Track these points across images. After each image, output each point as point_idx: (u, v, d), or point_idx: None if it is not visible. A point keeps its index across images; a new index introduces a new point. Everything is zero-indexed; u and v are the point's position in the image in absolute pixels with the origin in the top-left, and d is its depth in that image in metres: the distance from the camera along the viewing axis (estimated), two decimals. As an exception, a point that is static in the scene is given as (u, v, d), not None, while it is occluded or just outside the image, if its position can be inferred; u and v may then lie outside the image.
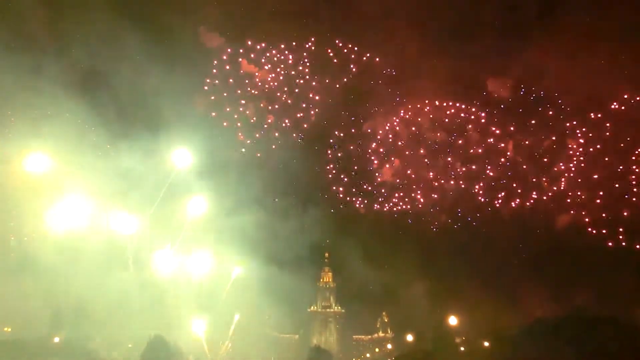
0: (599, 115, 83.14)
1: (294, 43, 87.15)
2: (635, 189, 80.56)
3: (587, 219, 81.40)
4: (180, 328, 64.25)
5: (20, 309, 59.34)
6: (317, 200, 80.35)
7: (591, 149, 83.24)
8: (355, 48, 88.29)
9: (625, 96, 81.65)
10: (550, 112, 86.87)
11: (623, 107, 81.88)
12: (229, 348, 69.27)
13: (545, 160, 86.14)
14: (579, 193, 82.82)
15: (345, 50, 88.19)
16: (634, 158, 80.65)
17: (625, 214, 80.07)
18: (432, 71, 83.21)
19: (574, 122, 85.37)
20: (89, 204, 58.83)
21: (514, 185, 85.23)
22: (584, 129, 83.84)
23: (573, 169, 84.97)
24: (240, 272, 74.05)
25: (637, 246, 78.22)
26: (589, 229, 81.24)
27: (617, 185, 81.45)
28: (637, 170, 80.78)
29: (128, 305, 61.94)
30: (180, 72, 75.67)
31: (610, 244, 79.66)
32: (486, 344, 73.43)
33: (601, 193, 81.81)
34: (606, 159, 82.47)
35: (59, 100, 62.70)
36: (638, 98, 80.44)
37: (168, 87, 72.51)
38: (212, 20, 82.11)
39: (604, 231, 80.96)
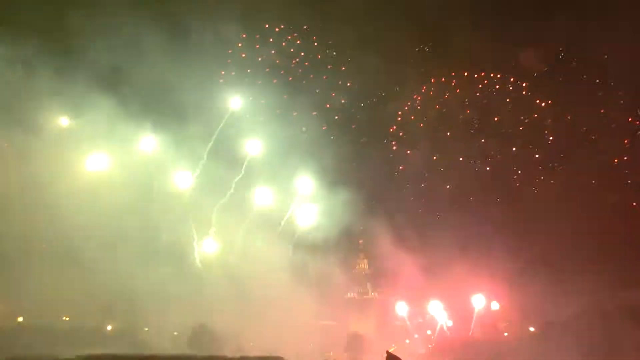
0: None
1: (305, 26, 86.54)
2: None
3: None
4: (223, 314, 70.17)
5: (76, 300, 66.96)
6: (347, 187, 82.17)
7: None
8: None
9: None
10: (597, 80, 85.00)
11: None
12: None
13: (593, 137, 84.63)
14: (626, 171, 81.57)
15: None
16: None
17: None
18: (464, 42, 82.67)
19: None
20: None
21: (557, 165, 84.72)
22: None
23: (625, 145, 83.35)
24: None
25: None
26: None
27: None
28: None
29: (173, 294, 68.54)
30: (189, 66, 76.25)
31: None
32: (532, 329, 75.17)
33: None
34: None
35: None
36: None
37: (178, 85, 74.08)
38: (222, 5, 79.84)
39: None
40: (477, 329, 76.85)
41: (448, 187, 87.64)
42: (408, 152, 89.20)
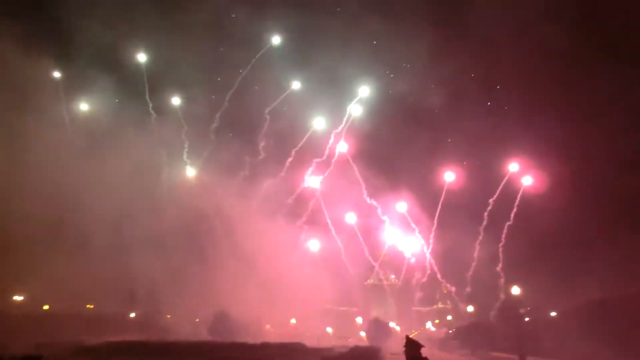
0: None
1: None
2: None
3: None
4: (244, 302, 71.67)
5: (101, 288, 69.10)
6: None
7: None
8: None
9: None
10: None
11: None
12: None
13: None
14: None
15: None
16: None
17: None
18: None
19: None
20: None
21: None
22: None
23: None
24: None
25: None
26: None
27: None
28: None
29: (195, 283, 70.35)
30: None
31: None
32: (553, 314, 75.25)
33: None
34: None
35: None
36: None
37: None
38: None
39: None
40: (497, 313, 77.09)
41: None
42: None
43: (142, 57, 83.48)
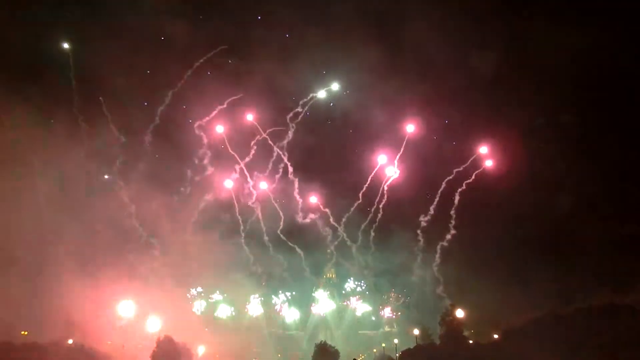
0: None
1: None
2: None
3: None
4: (190, 328, 70.38)
5: (35, 314, 66.16)
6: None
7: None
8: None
9: None
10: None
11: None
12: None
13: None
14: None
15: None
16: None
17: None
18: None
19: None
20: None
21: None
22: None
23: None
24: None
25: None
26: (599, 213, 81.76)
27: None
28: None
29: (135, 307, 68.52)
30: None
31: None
32: (496, 336, 78.13)
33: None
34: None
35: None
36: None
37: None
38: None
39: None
40: (442, 335, 78.99)
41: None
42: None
43: (66, 45, 79.75)
